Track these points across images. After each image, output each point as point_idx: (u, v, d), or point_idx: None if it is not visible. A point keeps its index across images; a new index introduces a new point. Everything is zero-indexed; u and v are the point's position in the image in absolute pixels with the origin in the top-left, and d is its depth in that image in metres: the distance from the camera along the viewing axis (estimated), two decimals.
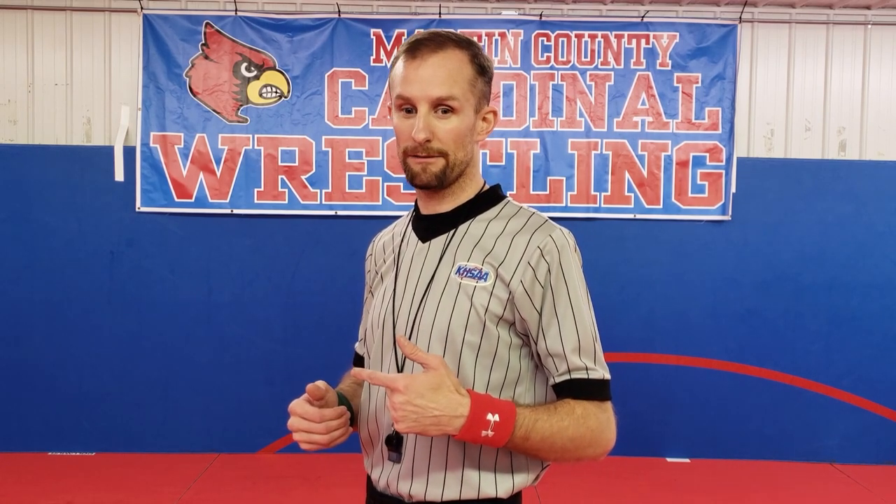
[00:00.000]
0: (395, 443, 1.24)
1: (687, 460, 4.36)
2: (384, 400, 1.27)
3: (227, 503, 3.66)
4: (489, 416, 1.11)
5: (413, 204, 1.38)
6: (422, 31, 1.28)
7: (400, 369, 1.25)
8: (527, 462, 1.24)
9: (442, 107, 1.22)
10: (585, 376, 1.19)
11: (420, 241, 1.31)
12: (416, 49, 1.23)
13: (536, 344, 1.21)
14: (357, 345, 1.50)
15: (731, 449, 4.37)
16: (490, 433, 1.11)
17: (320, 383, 1.24)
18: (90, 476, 3.98)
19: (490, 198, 1.31)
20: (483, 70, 1.27)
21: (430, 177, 1.24)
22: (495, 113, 1.32)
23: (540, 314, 1.19)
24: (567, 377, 1.19)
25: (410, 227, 1.36)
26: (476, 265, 1.22)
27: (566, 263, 1.21)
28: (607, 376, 1.22)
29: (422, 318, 1.23)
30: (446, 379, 1.12)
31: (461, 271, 1.23)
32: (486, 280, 1.21)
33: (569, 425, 1.16)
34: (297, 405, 1.23)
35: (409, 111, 1.24)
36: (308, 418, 1.21)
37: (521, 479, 1.24)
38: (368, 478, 1.35)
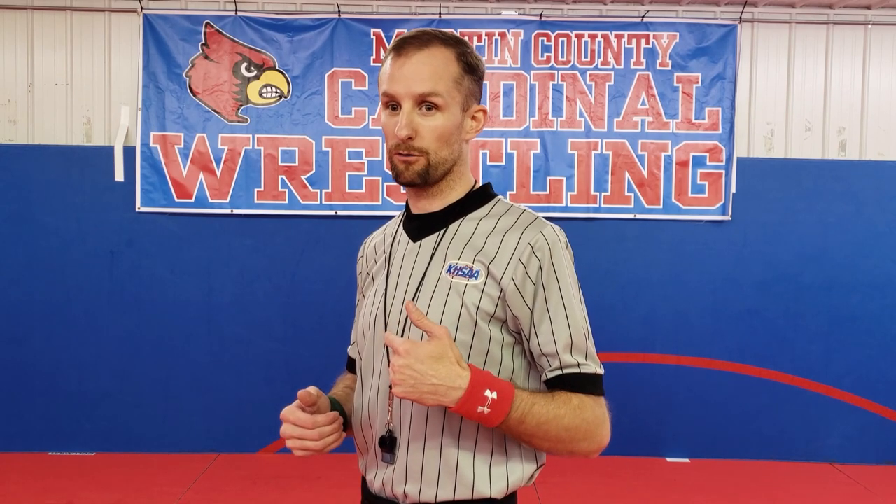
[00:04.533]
0: (388, 444, 1.24)
1: (687, 460, 4.36)
2: (377, 402, 1.27)
3: (227, 503, 3.66)
4: (487, 393, 1.11)
5: (405, 204, 1.38)
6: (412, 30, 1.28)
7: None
8: (521, 456, 1.24)
9: (426, 103, 1.22)
10: (577, 371, 1.19)
11: (411, 241, 1.31)
12: (401, 47, 1.23)
13: (528, 341, 1.21)
14: (350, 348, 1.49)
15: (731, 449, 4.37)
16: (486, 410, 1.11)
17: (311, 389, 1.23)
18: (90, 476, 3.98)
19: (481, 196, 1.31)
20: (471, 68, 1.26)
21: (413, 174, 1.24)
22: (485, 111, 1.31)
23: (532, 311, 1.19)
24: (559, 373, 1.19)
25: (401, 227, 1.36)
26: (467, 263, 1.22)
27: (557, 260, 1.21)
28: (600, 371, 1.21)
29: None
30: (449, 350, 1.12)
31: (452, 270, 1.23)
32: (477, 278, 1.21)
33: (565, 414, 1.15)
34: (289, 412, 1.22)
35: (394, 108, 1.24)
36: (300, 425, 1.20)
37: (516, 478, 1.24)
38: (363, 480, 1.35)
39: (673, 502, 3.77)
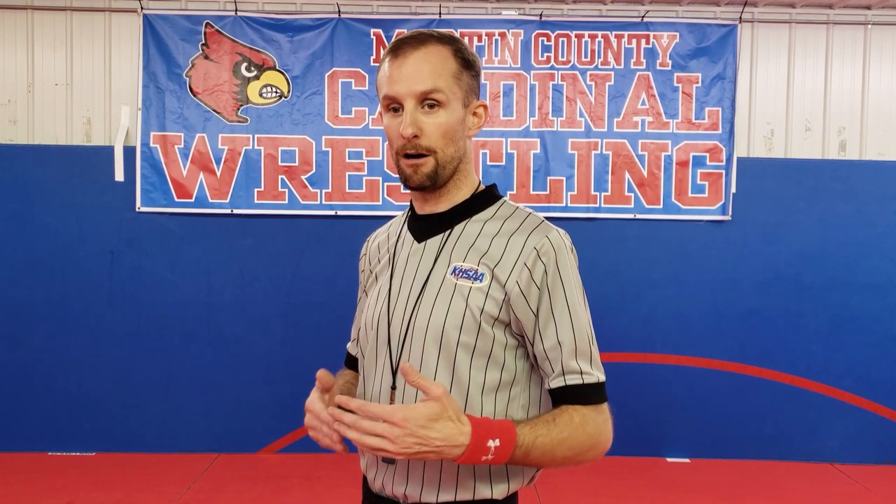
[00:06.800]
0: None
1: (687, 460, 4.36)
2: (379, 401, 1.26)
3: (227, 503, 3.66)
4: (490, 443, 1.10)
5: (408, 204, 1.38)
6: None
7: (395, 369, 1.25)
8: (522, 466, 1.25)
9: (428, 101, 1.22)
10: (580, 381, 1.19)
11: (416, 242, 1.31)
12: (398, 49, 1.23)
13: (533, 346, 1.21)
14: (350, 345, 1.50)
15: (731, 449, 4.37)
16: (490, 457, 1.11)
17: (327, 371, 1.24)
18: (90, 476, 3.98)
19: (486, 198, 1.31)
20: (468, 64, 1.26)
21: (423, 177, 1.23)
22: (485, 107, 1.30)
23: (536, 316, 1.19)
24: (562, 383, 1.20)
25: (406, 226, 1.35)
26: (472, 266, 1.22)
27: (563, 265, 1.21)
28: (602, 378, 1.22)
29: (417, 319, 1.23)
30: (447, 408, 1.10)
31: (457, 272, 1.23)
32: (481, 281, 1.21)
33: (568, 436, 1.16)
34: (311, 403, 1.23)
35: (396, 110, 1.24)
36: (321, 420, 1.21)
37: (517, 481, 1.25)
38: (364, 478, 1.35)
39: (673, 502, 3.77)
